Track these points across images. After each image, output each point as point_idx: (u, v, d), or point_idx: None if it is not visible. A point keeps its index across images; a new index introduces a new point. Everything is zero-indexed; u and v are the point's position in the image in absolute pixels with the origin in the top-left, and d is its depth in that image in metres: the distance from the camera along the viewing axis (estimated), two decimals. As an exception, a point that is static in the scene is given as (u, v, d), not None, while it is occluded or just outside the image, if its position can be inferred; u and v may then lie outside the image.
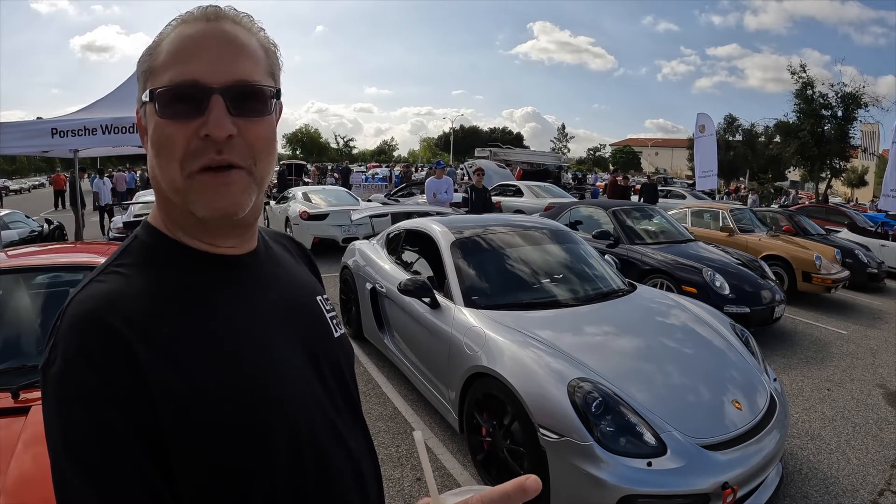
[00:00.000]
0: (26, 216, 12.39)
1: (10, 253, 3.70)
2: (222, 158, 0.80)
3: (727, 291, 6.45)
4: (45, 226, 12.32)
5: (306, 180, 24.72)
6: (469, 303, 4.07)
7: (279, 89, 0.87)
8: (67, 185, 24.80)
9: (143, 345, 0.73)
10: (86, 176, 19.10)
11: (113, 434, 0.69)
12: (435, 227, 5.01)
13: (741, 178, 41.75)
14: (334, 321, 1.05)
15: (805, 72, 26.25)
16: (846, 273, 8.99)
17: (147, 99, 0.82)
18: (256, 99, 0.83)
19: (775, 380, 3.68)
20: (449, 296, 4.24)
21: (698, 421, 3.01)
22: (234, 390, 0.79)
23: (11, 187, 46.36)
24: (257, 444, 0.79)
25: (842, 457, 3.99)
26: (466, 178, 27.09)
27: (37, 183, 48.01)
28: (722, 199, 19.83)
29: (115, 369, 0.71)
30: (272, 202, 15.54)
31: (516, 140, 76.39)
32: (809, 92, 26.04)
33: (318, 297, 1.05)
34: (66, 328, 0.74)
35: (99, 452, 0.68)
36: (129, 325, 0.74)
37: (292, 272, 1.04)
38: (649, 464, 2.72)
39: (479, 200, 10.06)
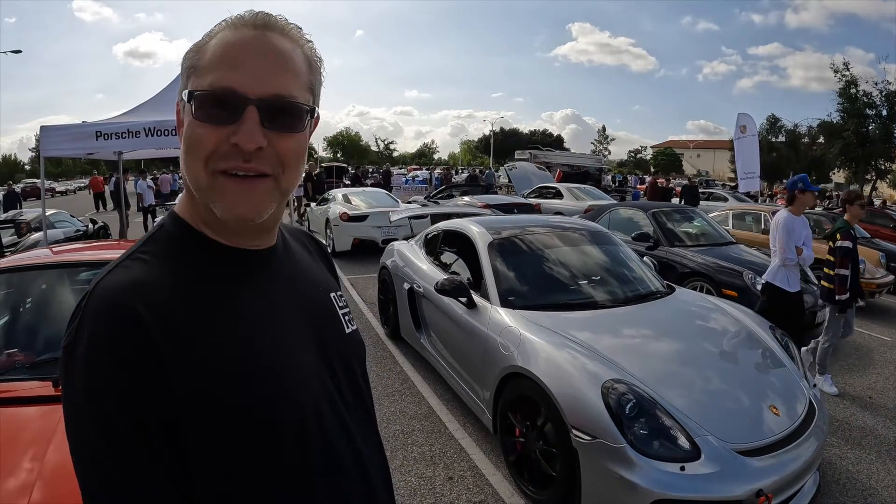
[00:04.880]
0: (71, 216, 12.79)
1: (55, 249, 3.86)
2: (250, 167, 0.83)
3: None
4: (90, 226, 12.72)
5: (346, 182, 24.99)
6: (505, 303, 4.09)
7: (314, 107, 0.90)
8: (106, 187, 25.54)
9: (163, 330, 0.77)
10: (130, 178, 19.68)
11: (132, 410, 0.74)
12: (473, 228, 5.05)
13: (784, 181, 40.68)
14: (346, 318, 1.09)
15: (848, 70, 25.61)
16: (891, 278, 8.70)
17: (186, 98, 0.85)
18: (291, 114, 0.85)
19: (814, 386, 3.62)
20: (485, 296, 4.27)
21: (734, 426, 2.97)
22: (247, 379, 0.82)
23: (58, 189, 48.17)
24: (266, 432, 0.83)
25: (882, 468, 3.87)
26: (507, 180, 27.10)
27: (81, 185, 49.65)
28: (765, 201, 19.35)
29: (135, 352, 0.75)
30: (313, 204, 15.77)
31: (556, 142, 75.85)
32: (853, 91, 25.38)
33: (333, 294, 1.09)
34: (92, 310, 0.78)
35: (119, 426, 0.73)
36: (150, 310, 0.77)
37: (309, 269, 1.08)
38: (682, 468, 2.69)
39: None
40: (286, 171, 0.87)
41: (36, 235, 10.10)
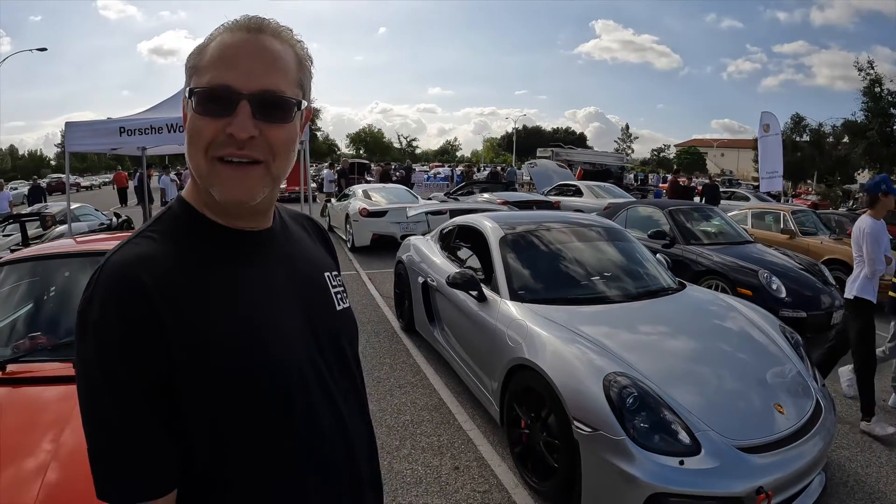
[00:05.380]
0: (95, 209, 13.03)
1: (78, 239, 4.00)
2: (243, 154, 0.92)
3: (783, 294, 6.27)
4: (114, 219, 12.98)
5: (369, 179, 25.11)
6: (515, 296, 4.14)
7: (300, 101, 0.98)
8: (130, 182, 25.90)
9: (165, 299, 0.88)
10: (154, 173, 19.96)
11: (135, 365, 0.85)
12: (486, 223, 5.10)
13: (808, 181, 39.97)
14: (339, 296, 1.17)
15: (873, 68, 25.06)
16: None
17: (188, 95, 0.95)
18: (280, 108, 0.94)
19: (824, 385, 3.60)
20: (496, 289, 4.32)
21: (736, 422, 2.97)
22: (239, 345, 0.92)
23: (83, 184, 49.34)
24: (252, 393, 0.93)
25: (892, 472, 3.81)
26: (528, 177, 27.05)
27: (106, 180, 50.64)
28: (788, 202, 19.07)
29: (139, 316, 0.86)
30: (333, 200, 15.90)
31: (579, 140, 75.44)
32: (877, 89, 24.84)
33: (327, 273, 1.18)
34: (103, 280, 0.89)
35: (123, 379, 0.85)
36: (153, 280, 0.88)
37: (305, 249, 1.17)
38: (681, 462, 2.70)
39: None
40: (276, 158, 0.96)
41: (60, 228, 10.31)
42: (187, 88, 0.96)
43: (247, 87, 0.91)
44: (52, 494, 1.91)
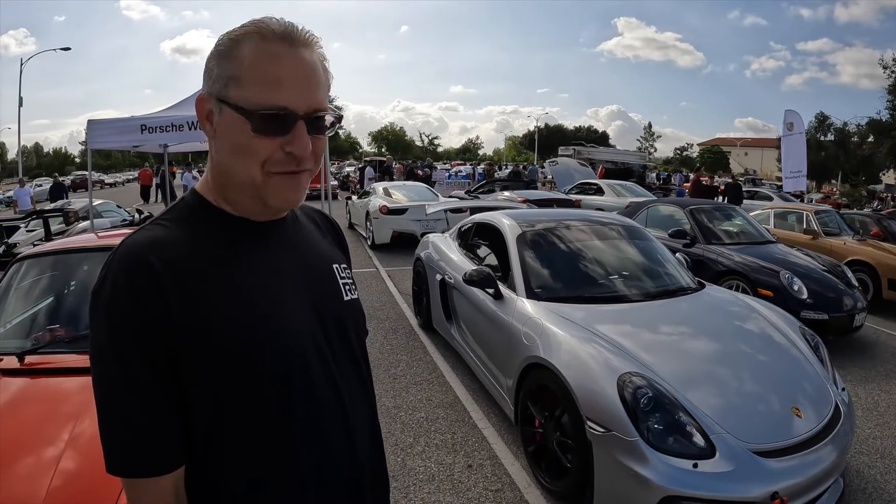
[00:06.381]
0: (117, 206, 13.24)
1: (100, 234, 4.07)
2: (301, 168, 0.99)
3: (805, 296, 6.15)
4: (136, 216, 13.16)
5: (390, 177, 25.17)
6: (531, 294, 4.12)
7: (340, 115, 1.06)
8: (154, 179, 26.18)
9: (172, 280, 0.92)
10: (178, 171, 20.15)
11: (143, 342, 0.90)
12: (504, 221, 5.08)
13: (833, 181, 39.24)
14: (347, 287, 1.18)
15: (898, 66, 24.47)
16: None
17: (237, 113, 0.95)
18: (325, 122, 1.01)
19: (843, 390, 3.51)
20: (512, 287, 4.31)
21: (753, 425, 2.92)
22: (241, 326, 0.96)
23: (106, 181, 50.58)
24: (254, 375, 0.96)
25: (914, 478, 3.77)
26: (550, 176, 26.94)
27: (130, 177, 51.57)
28: (811, 202, 18.73)
29: (149, 298, 0.90)
30: (354, 197, 15.96)
31: (601, 139, 74.62)
32: (903, 87, 24.26)
33: (336, 265, 1.19)
34: (116, 263, 0.93)
35: (132, 355, 0.89)
36: (165, 265, 0.92)
37: (315, 241, 1.20)
38: (695, 465, 2.67)
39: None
40: (317, 163, 1.03)
41: (83, 224, 10.51)
42: (230, 99, 0.95)
43: (301, 108, 0.96)
44: (65, 482, 1.95)
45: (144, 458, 0.90)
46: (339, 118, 1.04)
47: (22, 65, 32.47)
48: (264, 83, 0.94)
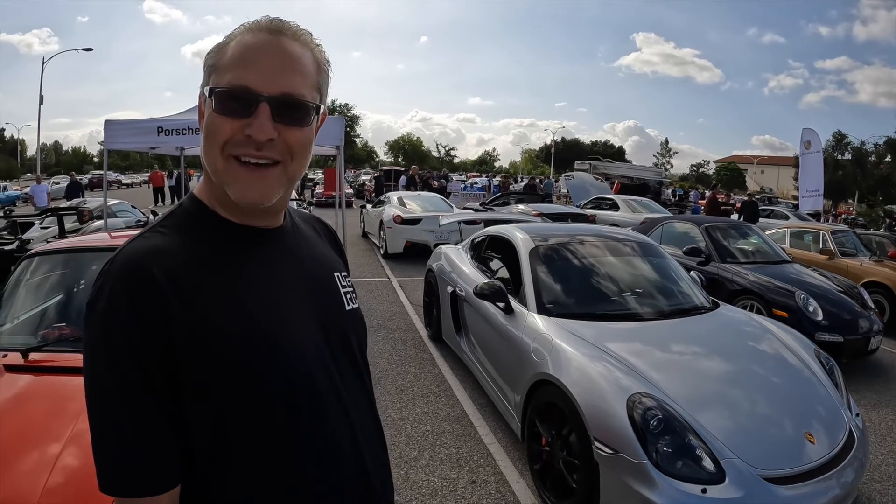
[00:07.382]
0: (132, 206, 13.31)
1: (113, 234, 4.08)
2: (261, 155, 0.93)
3: (820, 318, 6.03)
4: (151, 216, 13.26)
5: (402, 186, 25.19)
6: (542, 310, 4.07)
7: (319, 105, 0.99)
8: (166, 181, 26.38)
9: (174, 292, 0.88)
10: (194, 173, 20.33)
11: (140, 357, 0.85)
12: (517, 234, 5.04)
13: (850, 200, 38.74)
14: (348, 296, 1.16)
15: (916, 85, 24.21)
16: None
17: (207, 93, 0.95)
18: (298, 110, 0.96)
19: (858, 415, 3.43)
20: (523, 302, 4.26)
21: (764, 450, 2.84)
22: (243, 339, 0.92)
23: (123, 181, 51.82)
24: (256, 390, 0.92)
25: (930, 508, 3.66)
26: (565, 190, 26.87)
27: (147, 178, 52.61)
28: (827, 221, 18.49)
29: (148, 308, 0.86)
30: (368, 206, 15.98)
31: (618, 154, 74.45)
32: (921, 107, 23.98)
33: (336, 273, 1.16)
34: (113, 272, 0.89)
35: (128, 370, 0.85)
36: (164, 274, 0.89)
37: (315, 249, 1.17)
38: (704, 490, 2.59)
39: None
40: (294, 160, 0.97)
41: (97, 223, 10.58)
42: (206, 87, 0.96)
43: (267, 90, 0.92)
44: (63, 479, 1.95)
45: (139, 476, 0.85)
46: (317, 108, 0.99)
47: (44, 63, 33.09)
48: (236, 65, 0.93)
